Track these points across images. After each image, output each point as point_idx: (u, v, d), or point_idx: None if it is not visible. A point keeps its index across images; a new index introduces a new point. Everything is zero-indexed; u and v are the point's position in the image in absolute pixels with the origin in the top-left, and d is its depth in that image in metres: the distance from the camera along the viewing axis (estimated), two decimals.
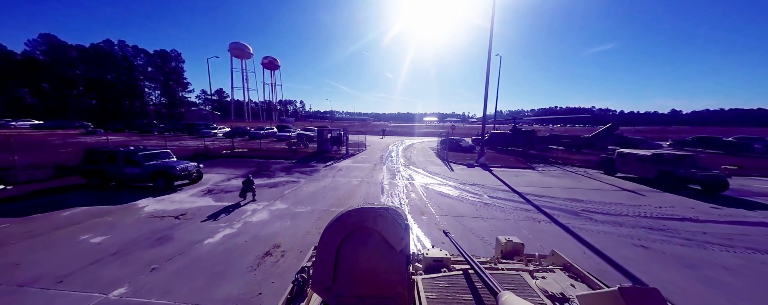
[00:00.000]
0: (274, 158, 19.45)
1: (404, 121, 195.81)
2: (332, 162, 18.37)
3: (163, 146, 17.78)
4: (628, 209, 9.26)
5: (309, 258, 2.18)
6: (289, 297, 1.67)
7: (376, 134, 50.08)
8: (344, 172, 15.20)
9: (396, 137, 47.37)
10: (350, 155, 21.86)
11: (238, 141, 29.39)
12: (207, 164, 16.83)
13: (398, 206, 2.12)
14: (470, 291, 1.50)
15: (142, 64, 62.76)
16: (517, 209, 9.26)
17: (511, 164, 18.69)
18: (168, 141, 28.60)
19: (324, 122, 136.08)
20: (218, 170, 15.18)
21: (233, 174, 14.02)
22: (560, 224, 7.85)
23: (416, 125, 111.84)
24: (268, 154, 20.97)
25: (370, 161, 19.48)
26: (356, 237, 1.33)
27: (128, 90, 62.82)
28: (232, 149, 22.67)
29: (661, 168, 12.32)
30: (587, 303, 1.13)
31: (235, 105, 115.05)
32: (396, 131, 64.71)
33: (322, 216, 8.23)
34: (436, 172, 15.76)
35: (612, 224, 7.89)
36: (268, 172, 14.78)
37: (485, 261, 2.13)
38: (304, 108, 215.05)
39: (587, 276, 1.77)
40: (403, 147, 29.35)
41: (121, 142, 25.33)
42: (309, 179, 13.17)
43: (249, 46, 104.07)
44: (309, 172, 15.00)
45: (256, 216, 8.11)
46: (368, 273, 1.30)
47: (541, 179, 14.30)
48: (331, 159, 19.52)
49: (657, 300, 0.97)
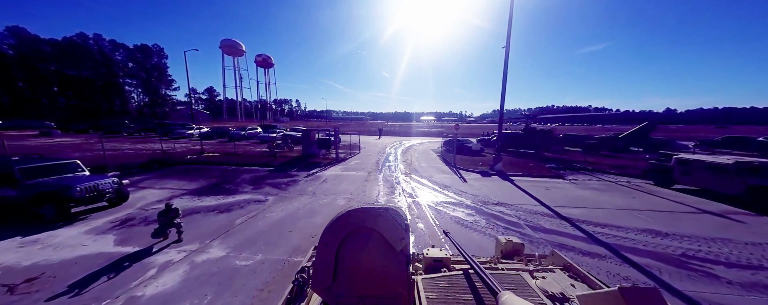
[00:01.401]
0: (247, 165, 16.08)
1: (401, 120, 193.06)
2: (317, 170, 15.06)
3: (116, 149, 14.36)
4: (752, 253, 6.09)
5: (309, 258, 2.13)
6: (289, 297, 1.63)
7: (373, 134, 46.82)
8: (330, 184, 11.92)
9: (394, 137, 44.09)
10: (341, 160, 18.57)
11: (215, 143, 25.93)
12: (158, 174, 13.43)
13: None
14: (470, 291, 1.48)
15: (122, 59, 58.64)
16: (582, 252, 6.05)
17: (532, 171, 15.51)
18: (133, 143, 25.08)
19: (320, 121, 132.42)
20: (166, 183, 11.78)
21: (182, 190, 10.65)
22: (682, 297, 4.62)
23: (414, 125, 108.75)
24: (242, 159, 17.59)
25: (364, 167, 16.21)
26: (356, 237, 1.32)
27: (107, 87, 58.83)
28: (201, 152, 19.24)
29: (751, 182, 9.19)
30: (587, 303, 1.11)
31: (228, 104, 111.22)
32: (393, 130, 61.44)
33: (278, 275, 4.96)
34: (445, 183, 12.53)
35: (762, 291, 4.70)
36: (230, 186, 11.44)
37: (485, 261, 2.10)
38: (301, 107, 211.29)
39: (587, 276, 1.73)
40: (402, 149, 26.09)
41: (47, 147, 21.75)
42: (279, 198, 9.85)
43: (241, 43, 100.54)
44: (284, 185, 11.69)
45: (160, 280, 4.79)
46: (368, 272, 1.29)
47: (582, 193, 11.13)
48: (316, 166, 16.21)
49: (657, 300, 0.96)
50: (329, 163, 17.29)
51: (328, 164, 17.02)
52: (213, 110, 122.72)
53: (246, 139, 28.56)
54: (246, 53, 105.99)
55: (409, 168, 16.32)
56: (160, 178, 12.69)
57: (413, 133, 55.86)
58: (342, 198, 9.95)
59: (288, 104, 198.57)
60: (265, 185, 11.59)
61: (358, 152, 22.75)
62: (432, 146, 30.38)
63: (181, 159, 17.10)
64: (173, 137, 28.73)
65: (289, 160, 17.87)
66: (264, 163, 16.56)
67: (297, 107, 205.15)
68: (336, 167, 16.38)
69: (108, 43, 55.98)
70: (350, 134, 24.41)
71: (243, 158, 18.22)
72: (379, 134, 44.08)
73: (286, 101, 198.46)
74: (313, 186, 11.61)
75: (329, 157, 19.40)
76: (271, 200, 9.51)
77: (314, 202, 9.44)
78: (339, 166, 16.61)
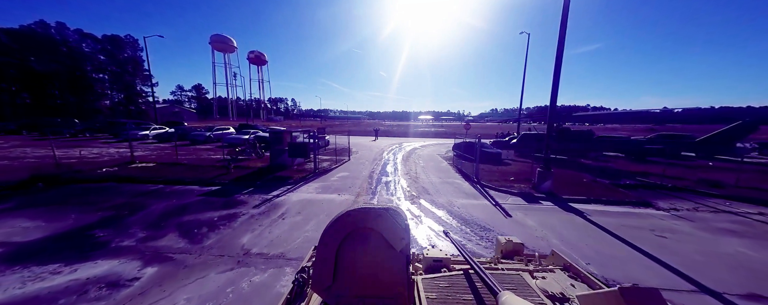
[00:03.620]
0: (183, 183, 11.12)
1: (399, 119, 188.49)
2: (282, 191, 10.16)
3: (20, 157, 9.35)
4: None
5: (309, 258, 2.07)
6: (289, 297, 1.60)
7: (368, 134, 41.86)
8: (287, 225, 7.03)
9: (392, 138, 39.16)
10: (322, 172, 13.67)
11: (169, 147, 20.85)
12: (22, 202, 8.33)
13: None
14: (470, 291, 1.45)
15: (90, 51, 52.95)
16: None
17: (596, 192, 10.69)
18: (64, 148, 19.86)
19: (316, 120, 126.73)
20: (17, 223, 6.80)
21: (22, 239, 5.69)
22: None
23: (412, 124, 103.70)
24: (184, 173, 12.61)
25: (351, 185, 11.34)
26: (356, 237, 1.30)
27: (74, 82, 53.24)
28: (130, 162, 14.22)
29: None
30: (587, 303, 1.09)
31: (220, 103, 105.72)
32: (391, 131, 56.32)
33: None
34: (477, 219, 7.70)
35: None
36: (105, 232, 6.48)
37: (485, 261, 2.05)
38: (297, 106, 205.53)
39: (587, 276, 1.70)
40: (402, 155, 21.21)
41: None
42: (166, 273, 4.95)
43: (232, 39, 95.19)
44: (208, 227, 6.78)
45: None
46: (368, 273, 1.28)
47: (721, 244, 6.36)
48: (283, 183, 11.29)
49: (657, 300, 0.95)
50: (304, 178, 12.38)
51: (301, 179, 12.11)
52: (203, 108, 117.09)
53: (212, 141, 23.49)
54: (238, 50, 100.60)
55: (416, 187, 11.47)
56: (12, 211, 7.70)
57: (413, 133, 51.06)
58: (295, 263, 5.08)
59: (284, 103, 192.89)
60: (170, 230, 6.65)
61: (346, 159, 17.85)
62: (437, 149, 25.58)
63: (91, 173, 12.08)
64: (120, 140, 23.54)
65: (249, 173, 12.93)
66: (210, 179, 11.61)
67: (293, 106, 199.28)
68: (312, 184, 11.48)
69: (73, 32, 50.31)
70: (345, 135, 19.33)
71: (187, 170, 13.23)
72: (375, 135, 38.90)
73: (282, 100, 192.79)
74: (256, 230, 6.72)
75: (306, 168, 14.48)
76: (137, 286, 4.60)
77: (234, 284, 4.55)
78: (316, 182, 11.71)
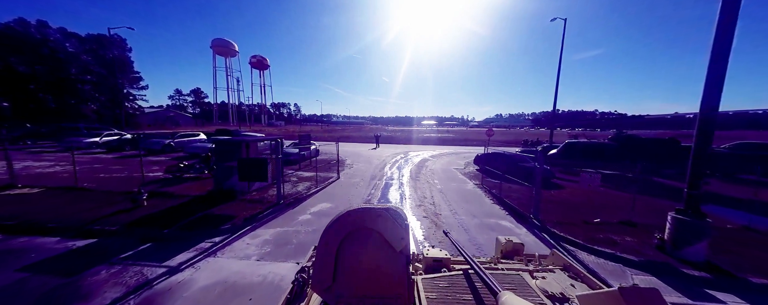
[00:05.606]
0: (37, 233, 6.36)
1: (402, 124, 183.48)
2: (192, 257, 5.32)
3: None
4: None
5: (309, 258, 2.03)
6: (289, 297, 1.57)
7: (369, 141, 36.88)
8: None
9: (395, 146, 33.86)
10: (292, 202, 8.86)
11: (111, 158, 16.24)
12: None
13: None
14: (470, 291, 1.46)
15: (74, 52, 49.39)
16: None
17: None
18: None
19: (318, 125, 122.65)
20: None
21: None
22: None
23: (416, 129, 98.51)
24: (63, 207, 7.86)
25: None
26: (356, 237, 1.28)
27: (57, 84, 49.62)
28: (10, 185, 9.53)
29: None
30: (587, 303, 1.08)
31: (220, 108, 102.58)
32: (394, 137, 50.41)
33: None
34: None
35: None
36: None
37: (485, 261, 2.05)
38: (300, 111, 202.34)
39: (587, 276, 1.70)
40: (410, 170, 16.30)
41: None
42: None
43: (234, 43, 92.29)
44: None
45: None
46: (368, 273, 1.26)
47: None
48: (214, 230, 6.45)
49: (657, 300, 0.94)
50: (255, 216, 7.55)
51: (250, 219, 7.27)
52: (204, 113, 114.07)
53: (173, 151, 18.90)
54: (239, 54, 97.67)
55: (439, 235, 6.54)
56: None
57: (417, 140, 45.97)
58: None
59: (286, 107, 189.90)
60: None
61: (334, 177, 13.02)
62: (452, 161, 20.62)
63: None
64: (62, 148, 19.00)
65: (173, 207, 8.14)
66: (94, 220, 6.83)
67: (296, 111, 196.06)
68: (263, 229, 6.63)
69: (55, 30, 46.85)
70: (343, 142, 14.51)
71: (76, 202, 8.51)
72: (376, 143, 33.15)
73: (285, 105, 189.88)
74: None
75: (269, 194, 9.67)
76: None
77: None
78: (270, 228, 6.84)
